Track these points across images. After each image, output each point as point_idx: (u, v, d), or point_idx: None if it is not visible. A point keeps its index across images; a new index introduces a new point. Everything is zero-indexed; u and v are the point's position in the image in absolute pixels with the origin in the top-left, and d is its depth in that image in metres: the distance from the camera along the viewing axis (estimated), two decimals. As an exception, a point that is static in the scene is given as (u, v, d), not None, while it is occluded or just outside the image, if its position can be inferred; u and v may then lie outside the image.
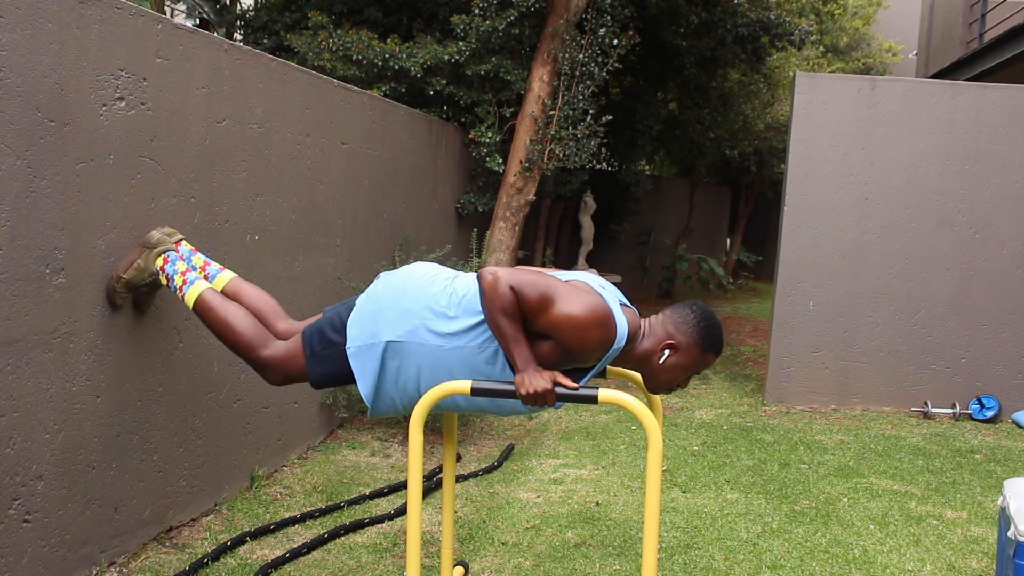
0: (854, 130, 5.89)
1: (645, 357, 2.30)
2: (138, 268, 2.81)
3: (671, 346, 2.27)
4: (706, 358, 2.29)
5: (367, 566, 3.12)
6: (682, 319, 2.29)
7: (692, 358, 2.28)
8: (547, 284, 2.19)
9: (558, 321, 2.16)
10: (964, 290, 5.91)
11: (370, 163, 4.92)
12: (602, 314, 2.17)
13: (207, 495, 3.49)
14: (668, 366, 2.28)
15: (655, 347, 2.28)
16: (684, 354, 2.27)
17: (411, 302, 2.34)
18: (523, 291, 2.17)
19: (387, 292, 2.38)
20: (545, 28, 6.69)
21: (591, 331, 2.16)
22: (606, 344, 2.19)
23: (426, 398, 2.19)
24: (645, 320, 2.35)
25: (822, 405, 5.99)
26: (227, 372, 3.58)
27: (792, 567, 3.26)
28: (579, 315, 2.15)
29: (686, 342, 2.27)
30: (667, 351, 2.27)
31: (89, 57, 2.68)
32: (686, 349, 2.27)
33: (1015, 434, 5.53)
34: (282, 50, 7.35)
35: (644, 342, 2.29)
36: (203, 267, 2.84)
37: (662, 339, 2.28)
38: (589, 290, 2.25)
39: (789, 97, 11.23)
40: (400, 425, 4.85)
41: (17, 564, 2.51)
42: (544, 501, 3.89)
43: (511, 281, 2.16)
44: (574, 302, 2.17)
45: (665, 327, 2.30)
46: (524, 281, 2.17)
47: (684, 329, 2.27)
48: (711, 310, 2.32)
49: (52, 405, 2.62)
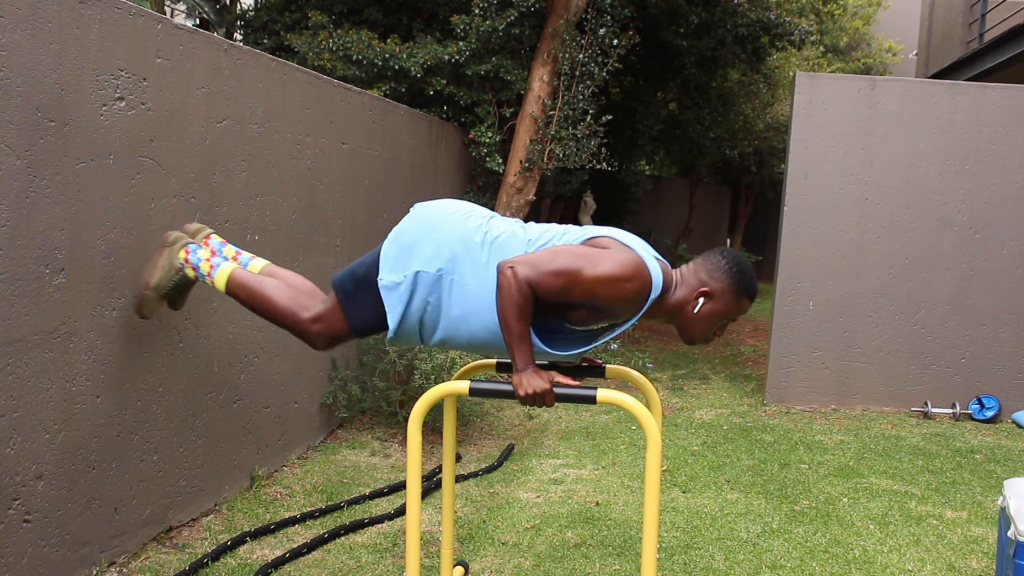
0: (854, 130, 5.89)
1: (678, 308, 2.26)
2: (163, 268, 2.77)
3: (705, 294, 2.24)
4: (741, 303, 2.26)
5: (367, 566, 3.12)
6: (714, 266, 2.26)
7: (727, 304, 2.25)
8: (566, 261, 2.15)
9: (591, 288, 2.13)
10: (964, 290, 5.91)
11: (370, 163, 4.93)
12: (633, 266, 2.14)
13: (207, 495, 3.49)
14: (704, 314, 2.25)
15: (688, 296, 2.25)
16: (719, 301, 2.24)
17: (445, 236, 2.31)
18: (543, 282, 2.13)
19: (418, 227, 2.35)
20: (545, 28, 6.70)
21: (625, 285, 2.13)
22: (642, 296, 2.16)
23: (425, 398, 2.19)
24: (676, 271, 2.32)
25: (822, 405, 5.99)
26: (227, 372, 3.58)
27: (792, 567, 3.26)
28: (610, 273, 2.12)
29: (720, 288, 2.24)
30: (701, 299, 2.24)
31: (89, 57, 2.68)
32: (721, 296, 2.24)
33: (1015, 434, 5.53)
34: (282, 50, 7.35)
35: (677, 292, 2.26)
36: (234, 256, 2.81)
37: (695, 287, 2.25)
38: (614, 244, 2.21)
39: (789, 97, 11.23)
40: (400, 425, 4.85)
41: (17, 564, 2.51)
42: (544, 501, 3.89)
43: (530, 277, 2.13)
44: (601, 264, 2.14)
45: (697, 275, 2.27)
46: (543, 271, 2.13)
47: (717, 276, 2.25)
48: (742, 255, 2.29)
49: (52, 405, 2.62)
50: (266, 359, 3.89)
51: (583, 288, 2.14)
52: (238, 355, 3.66)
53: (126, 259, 2.92)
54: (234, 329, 3.61)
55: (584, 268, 2.14)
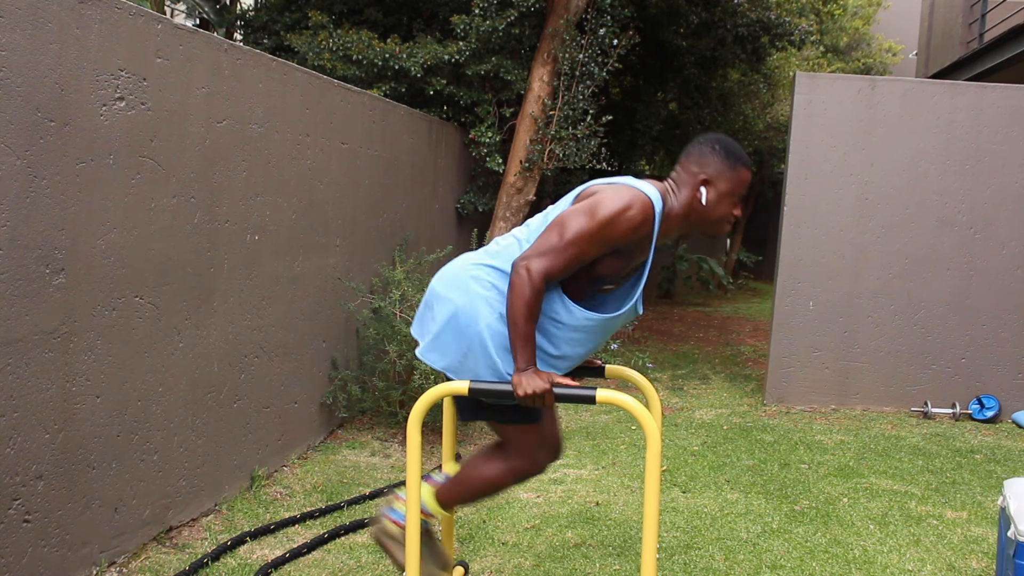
0: (854, 130, 5.89)
1: (688, 209, 2.28)
2: (398, 542, 2.47)
3: (704, 182, 2.26)
4: (740, 174, 2.27)
5: (367, 566, 3.12)
6: (699, 155, 2.28)
7: (729, 182, 2.27)
8: (568, 230, 2.15)
9: (602, 235, 2.15)
10: (964, 290, 5.91)
11: (370, 163, 4.93)
12: (627, 195, 2.16)
13: (207, 495, 3.49)
14: (712, 201, 2.27)
15: (691, 193, 2.27)
16: (720, 182, 2.26)
17: (456, 276, 2.32)
18: (559, 263, 2.15)
19: (437, 293, 2.34)
20: (545, 28, 6.70)
21: (629, 214, 2.14)
22: (649, 217, 2.17)
23: (425, 398, 2.19)
24: (666, 181, 2.34)
25: (822, 405, 5.99)
26: (227, 372, 3.58)
27: (792, 567, 3.26)
28: (611, 212, 2.14)
29: (715, 170, 2.26)
30: (703, 188, 2.26)
31: (89, 57, 2.68)
32: (719, 177, 2.26)
33: (1015, 434, 5.53)
34: (282, 50, 7.36)
35: (680, 196, 2.28)
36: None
37: (693, 182, 2.27)
38: (600, 188, 2.23)
39: (789, 97, 11.24)
40: (400, 425, 4.85)
41: (17, 564, 2.51)
42: (544, 501, 3.89)
43: (545, 267, 2.14)
44: (599, 210, 2.15)
45: (688, 171, 2.29)
46: (555, 254, 2.15)
47: (706, 161, 2.27)
48: (718, 134, 2.32)
49: (52, 405, 2.62)
50: (266, 359, 3.89)
51: (596, 240, 2.16)
52: (238, 355, 3.66)
53: (126, 259, 2.92)
54: (234, 329, 3.61)
55: (586, 224, 2.16)
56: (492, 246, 2.38)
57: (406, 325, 4.58)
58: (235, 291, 3.60)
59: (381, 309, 4.73)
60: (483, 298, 2.25)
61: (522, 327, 2.16)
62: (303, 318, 4.22)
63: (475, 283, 2.27)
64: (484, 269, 2.30)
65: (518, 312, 2.15)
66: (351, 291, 4.73)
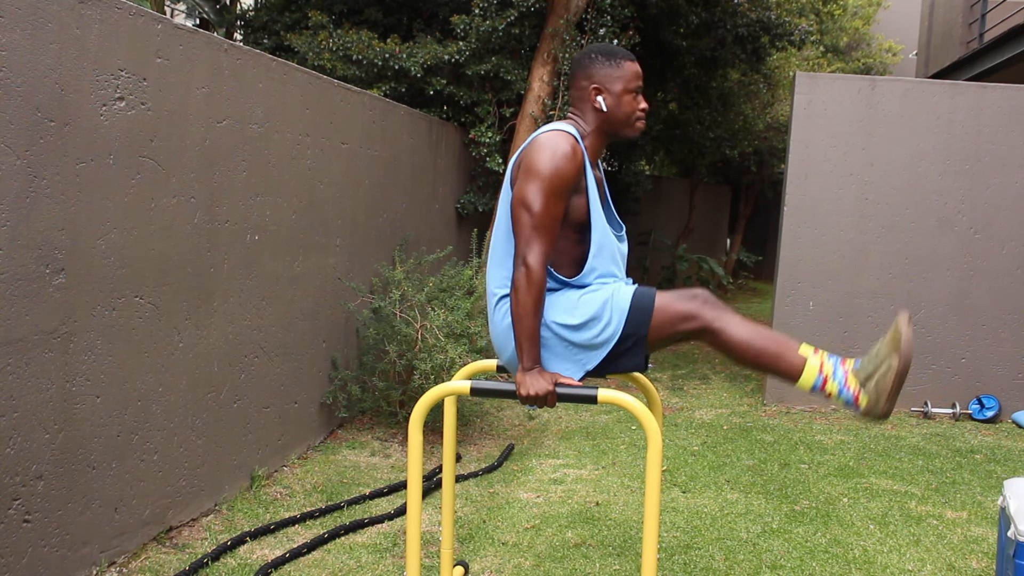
0: (854, 130, 5.89)
1: (597, 121, 2.36)
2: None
3: (595, 90, 2.34)
4: (622, 67, 2.34)
5: (367, 566, 3.12)
6: (582, 69, 2.36)
7: (619, 80, 2.34)
8: (534, 205, 2.19)
9: (554, 182, 2.19)
10: (964, 290, 5.91)
11: (370, 163, 4.93)
12: (549, 136, 2.23)
13: (207, 495, 3.49)
14: (612, 105, 2.34)
15: (592, 105, 2.35)
16: (611, 84, 2.34)
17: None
18: (544, 235, 2.18)
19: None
20: (545, 28, 6.70)
21: (560, 150, 2.20)
22: (574, 143, 2.24)
23: (425, 398, 2.19)
24: (570, 110, 2.41)
25: (822, 405, 5.99)
26: (227, 372, 3.58)
27: (792, 567, 3.26)
28: (548, 160, 2.19)
29: (602, 76, 2.34)
30: (597, 96, 2.34)
31: (89, 57, 2.68)
32: (607, 79, 2.34)
33: (1015, 434, 5.53)
34: (282, 50, 7.35)
35: (587, 115, 2.37)
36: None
37: (588, 96, 2.35)
38: (524, 155, 2.28)
39: (789, 97, 11.24)
40: (400, 425, 4.85)
41: (17, 564, 2.51)
42: (544, 501, 3.89)
43: (538, 252, 2.17)
44: (538, 164, 2.20)
45: (580, 88, 2.37)
46: (538, 231, 2.18)
47: (590, 72, 2.35)
48: (588, 47, 2.41)
49: (52, 405, 2.62)
50: (266, 359, 3.89)
51: (556, 191, 2.21)
52: (238, 355, 3.66)
53: (126, 259, 2.92)
54: (234, 329, 3.61)
55: (539, 184, 2.20)
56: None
57: (406, 325, 4.58)
58: (235, 291, 3.60)
59: (381, 309, 4.73)
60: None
61: (529, 324, 2.16)
62: (303, 318, 4.22)
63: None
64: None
65: (525, 308, 2.16)
66: (351, 291, 4.73)
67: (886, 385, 2.19)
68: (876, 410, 2.22)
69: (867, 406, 2.22)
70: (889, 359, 2.19)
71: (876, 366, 2.22)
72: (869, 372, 2.22)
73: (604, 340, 2.25)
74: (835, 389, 2.24)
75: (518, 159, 2.31)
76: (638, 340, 2.26)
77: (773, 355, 2.24)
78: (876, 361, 2.22)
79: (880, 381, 2.20)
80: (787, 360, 2.24)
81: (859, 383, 2.23)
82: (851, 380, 2.23)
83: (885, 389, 2.19)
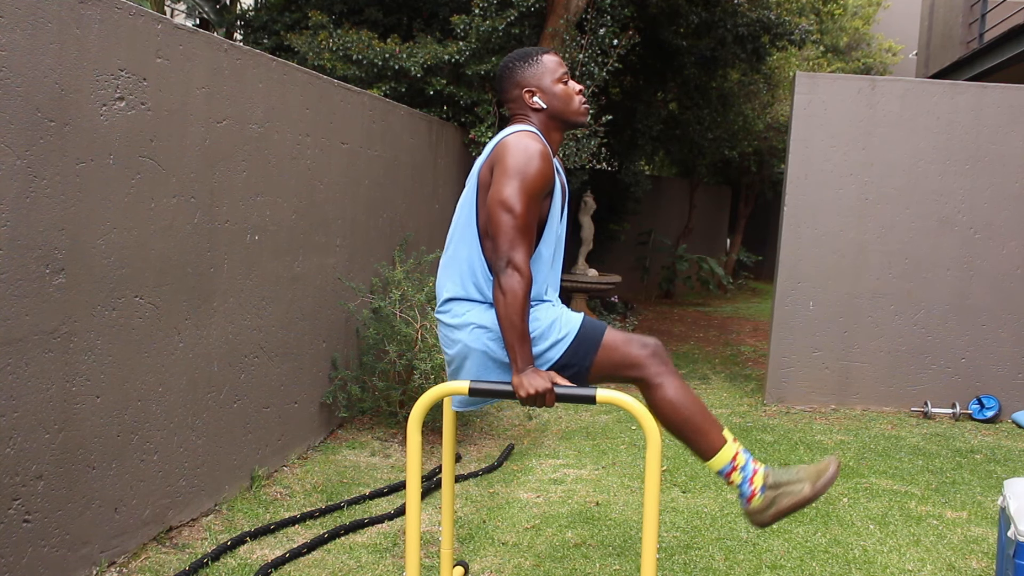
0: (854, 130, 5.89)
1: (543, 121, 2.40)
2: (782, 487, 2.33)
3: (528, 92, 2.39)
4: (545, 61, 2.40)
5: (367, 566, 3.12)
6: (507, 80, 2.42)
7: (544, 75, 2.39)
8: (516, 206, 2.19)
9: (533, 179, 2.21)
10: (964, 290, 5.91)
11: (370, 163, 4.93)
12: (518, 137, 2.26)
13: (207, 495, 3.49)
14: (549, 99, 2.39)
15: (532, 107, 2.39)
16: (535, 81, 2.39)
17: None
18: (527, 237, 2.19)
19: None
20: (545, 28, 6.70)
21: (531, 151, 2.22)
22: (542, 142, 2.27)
23: (425, 398, 2.19)
24: (520, 117, 2.44)
25: (822, 405, 5.99)
26: (227, 372, 3.58)
27: (792, 567, 3.26)
28: (523, 160, 2.22)
29: (527, 77, 2.39)
30: (532, 97, 2.39)
31: (89, 57, 2.68)
32: (534, 78, 2.39)
33: (1015, 434, 5.53)
34: (282, 50, 7.35)
35: (530, 117, 2.41)
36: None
37: (524, 101, 2.40)
38: (498, 158, 2.29)
39: (789, 97, 11.24)
40: (400, 425, 4.85)
41: (17, 564, 2.51)
42: (544, 501, 3.89)
43: (523, 252, 2.17)
44: (521, 170, 2.21)
45: (514, 98, 2.42)
46: (523, 234, 2.18)
47: (515, 79, 2.41)
48: (503, 59, 2.48)
49: (52, 405, 2.62)
50: (266, 359, 3.89)
51: (537, 191, 2.23)
52: (238, 355, 3.66)
53: (126, 259, 2.92)
54: (234, 329, 3.61)
55: (521, 184, 2.21)
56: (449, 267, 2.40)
57: (406, 325, 4.58)
58: (235, 291, 3.60)
59: (381, 309, 4.73)
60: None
61: (519, 326, 2.15)
62: (303, 318, 4.22)
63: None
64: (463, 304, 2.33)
65: (515, 312, 2.15)
66: (351, 291, 4.73)
67: (784, 503, 2.28)
68: (760, 515, 2.31)
69: (756, 507, 2.30)
70: (803, 484, 2.28)
71: (789, 480, 2.29)
72: (780, 481, 2.30)
73: (547, 360, 2.27)
74: (738, 479, 2.30)
75: (487, 161, 2.31)
76: (580, 371, 2.30)
77: (696, 427, 2.29)
78: (791, 477, 2.30)
79: (783, 496, 2.28)
80: (708, 438, 2.29)
81: (763, 484, 2.30)
82: (758, 478, 2.30)
83: (781, 505, 2.28)
